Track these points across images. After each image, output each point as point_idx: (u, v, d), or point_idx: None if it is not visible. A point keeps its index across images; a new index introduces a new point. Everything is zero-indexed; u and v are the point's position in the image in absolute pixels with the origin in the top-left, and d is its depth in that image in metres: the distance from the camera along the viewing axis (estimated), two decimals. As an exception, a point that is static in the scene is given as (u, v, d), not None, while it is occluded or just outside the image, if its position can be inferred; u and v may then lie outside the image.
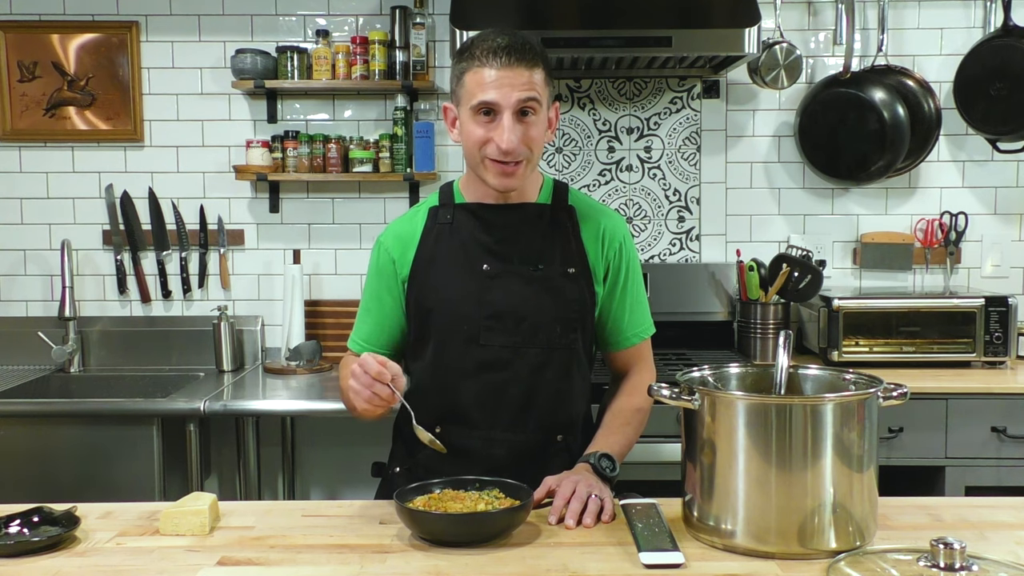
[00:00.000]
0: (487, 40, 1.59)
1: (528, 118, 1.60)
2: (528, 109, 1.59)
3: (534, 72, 1.58)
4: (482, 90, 1.57)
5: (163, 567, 1.30)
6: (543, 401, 1.70)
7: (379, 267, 1.75)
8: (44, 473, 2.61)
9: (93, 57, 3.17)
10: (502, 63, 1.56)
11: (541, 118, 1.62)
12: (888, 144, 3.05)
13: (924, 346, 2.86)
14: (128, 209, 3.20)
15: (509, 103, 1.57)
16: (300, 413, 2.96)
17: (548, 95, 1.64)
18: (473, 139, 1.61)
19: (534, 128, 1.61)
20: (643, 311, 1.81)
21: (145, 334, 3.21)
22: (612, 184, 3.24)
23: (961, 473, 2.62)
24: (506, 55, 1.56)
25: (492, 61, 1.56)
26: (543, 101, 1.61)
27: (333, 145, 3.10)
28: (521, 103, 1.57)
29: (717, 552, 1.33)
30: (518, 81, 1.56)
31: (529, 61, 1.57)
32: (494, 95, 1.57)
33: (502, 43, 1.57)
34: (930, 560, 1.17)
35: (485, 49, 1.57)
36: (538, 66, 1.59)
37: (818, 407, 1.30)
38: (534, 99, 1.58)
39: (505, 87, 1.56)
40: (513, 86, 1.56)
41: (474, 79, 1.58)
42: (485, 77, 1.57)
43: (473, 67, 1.58)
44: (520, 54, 1.57)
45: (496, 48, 1.56)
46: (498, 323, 1.67)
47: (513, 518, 1.39)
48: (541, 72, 1.60)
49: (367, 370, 1.47)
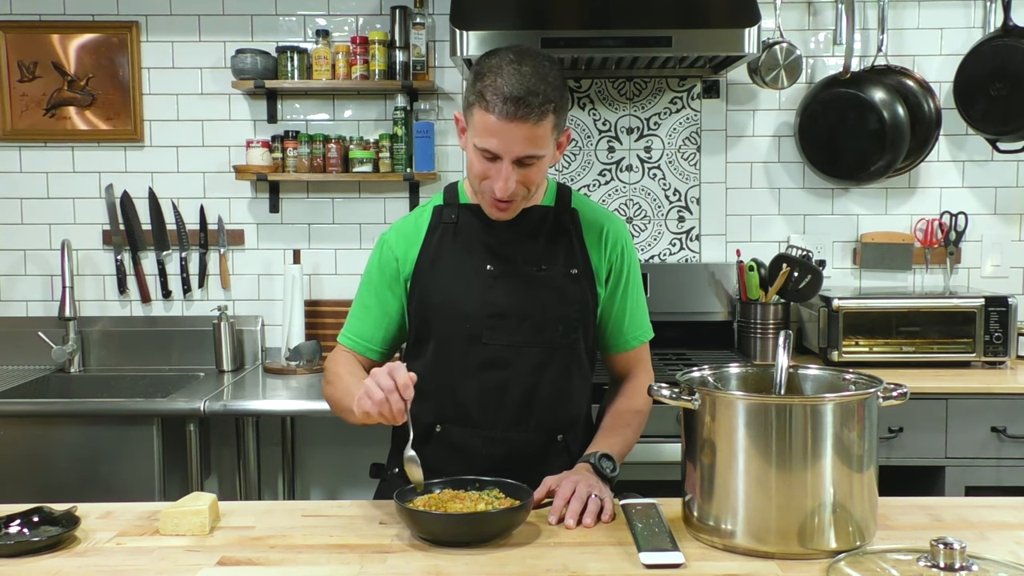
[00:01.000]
0: (500, 78, 1.51)
1: (529, 164, 1.56)
2: (530, 162, 1.56)
3: (541, 124, 1.52)
4: (487, 134, 1.53)
5: (163, 567, 1.30)
6: (544, 401, 1.70)
7: (382, 264, 1.75)
8: (44, 473, 2.61)
9: (93, 57, 3.17)
10: (507, 115, 1.50)
11: (544, 161, 1.58)
12: (888, 144, 3.05)
13: (924, 346, 2.85)
14: (128, 209, 3.20)
15: (510, 155, 1.54)
16: (300, 413, 2.96)
17: (556, 136, 1.59)
18: (474, 171, 1.60)
19: (534, 172, 1.58)
20: (643, 315, 1.81)
21: (145, 334, 3.21)
22: (612, 184, 3.24)
23: (961, 473, 2.61)
24: (514, 107, 1.49)
25: (499, 110, 1.50)
26: (548, 150, 1.57)
27: (333, 145, 3.10)
28: (521, 158, 1.55)
29: (717, 552, 1.33)
30: (521, 136, 1.52)
31: (537, 114, 1.51)
32: (495, 145, 1.53)
33: (511, 93, 1.49)
34: (930, 560, 1.17)
35: (495, 93, 1.50)
36: (547, 116, 1.53)
37: (818, 407, 1.30)
38: (535, 156, 1.55)
39: (507, 140, 1.52)
40: (515, 141, 1.52)
41: (480, 120, 1.53)
42: (490, 123, 1.52)
43: (481, 106, 1.53)
44: (528, 109, 1.50)
45: (505, 98, 1.49)
46: (500, 322, 1.67)
47: (513, 518, 1.40)
48: (551, 119, 1.54)
49: (395, 378, 1.42)
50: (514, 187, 1.57)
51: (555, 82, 1.55)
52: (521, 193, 1.60)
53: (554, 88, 1.54)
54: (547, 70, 1.55)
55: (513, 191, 1.57)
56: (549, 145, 1.58)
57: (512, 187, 1.56)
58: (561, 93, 1.57)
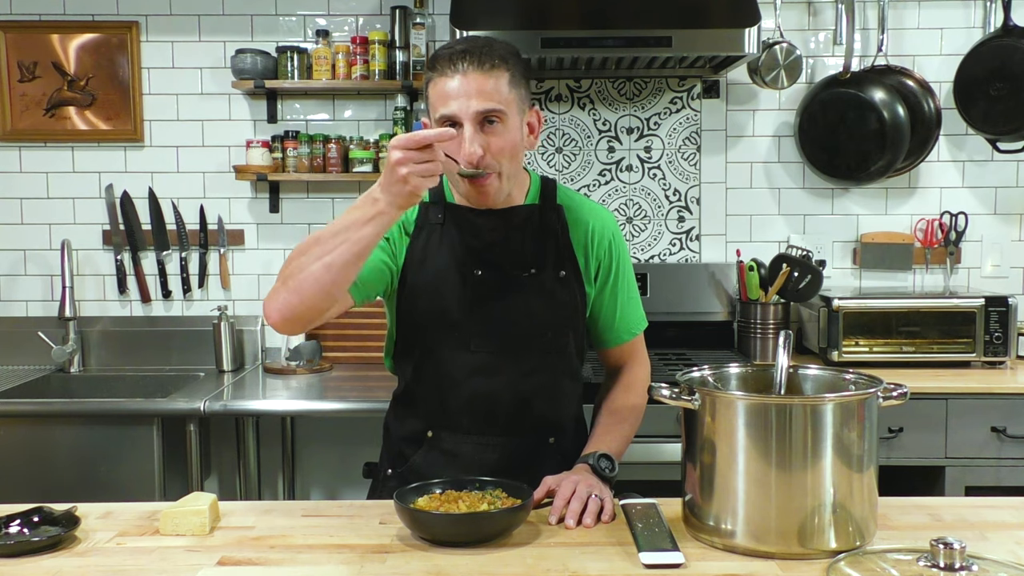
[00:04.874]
0: (448, 47, 1.52)
1: (493, 127, 1.52)
2: (493, 118, 1.51)
3: (496, 79, 1.50)
4: (442, 102, 1.50)
5: (163, 567, 1.30)
6: (535, 405, 1.69)
7: None
8: (44, 473, 2.61)
9: (93, 57, 3.17)
10: (459, 70, 1.48)
11: (510, 127, 1.54)
12: (888, 144, 3.05)
13: (924, 346, 2.85)
14: (128, 209, 3.20)
15: (468, 114, 1.49)
16: (300, 413, 2.96)
17: (518, 101, 1.55)
18: None
19: (500, 138, 1.53)
20: (635, 306, 1.79)
21: (145, 334, 3.22)
22: (612, 184, 3.24)
23: (961, 473, 2.61)
24: (463, 61, 1.48)
25: (450, 70, 1.49)
26: (510, 109, 1.53)
27: (333, 145, 3.10)
28: (481, 114, 1.50)
29: (717, 552, 1.33)
30: (476, 89, 1.48)
31: (489, 66, 1.49)
32: (453, 106, 1.49)
33: (459, 49, 1.50)
34: (930, 560, 1.17)
35: (443, 57, 1.50)
36: (502, 71, 1.51)
37: (818, 407, 1.30)
38: (496, 110, 1.50)
39: (462, 97, 1.48)
40: (471, 95, 1.48)
41: (435, 91, 1.52)
42: (445, 87, 1.50)
43: (434, 78, 1.52)
44: (479, 60, 1.48)
45: (453, 55, 1.49)
46: (489, 328, 1.66)
47: (513, 518, 1.39)
48: (506, 77, 1.52)
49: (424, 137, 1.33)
50: (480, 151, 1.51)
51: (506, 48, 1.55)
52: (492, 166, 1.53)
53: (504, 50, 1.54)
54: (496, 41, 1.55)
55: (480, 159, 1.51)
56: (511, 105, 1.53)
57: (478, 151, 1.50)
58: (516, 59, 1.56)
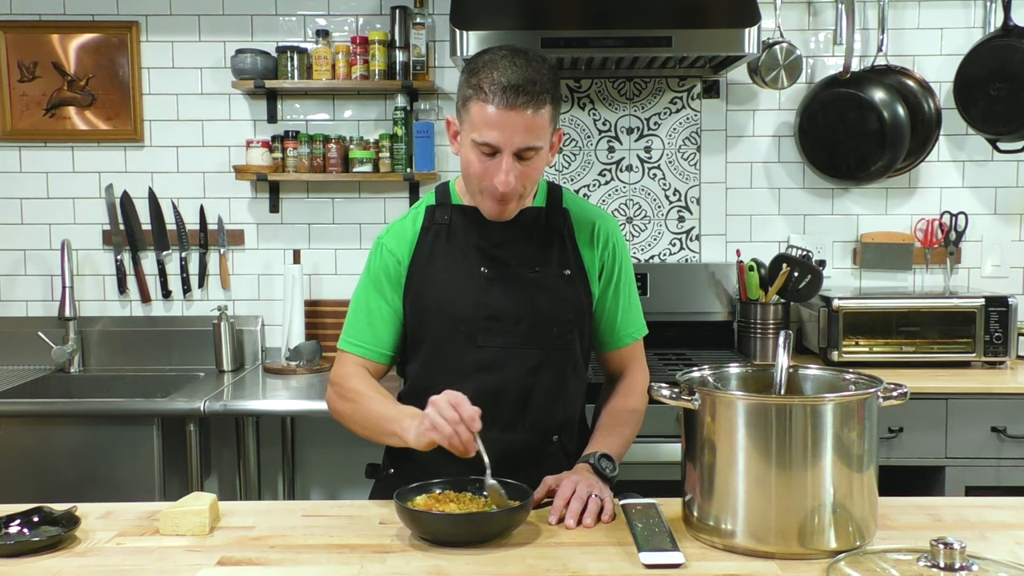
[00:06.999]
0: (496, 70, 1.52)
1: (529, 159, 1.56)
2: (531, 152, 1.55)
3: (540, 113, 1.53)
4: (486, 127, 1.52)
5: (163, 567, 1.30)
6: (539, 402, 1.70)
7: (384, 266, 1.73)
8: (44, 473, 2.61)
9: (93, 57, 3.17)
10: (507, 104, 1.50)
11: (542, 155, 1.58)
12: (888, 144, 3.05)
13: (924, 346, 2.85)
14: (128, 209, 3.20)
15: (510, 147, 1.53)
16: (300, 413, 2.96)
17: (553, 129, 1.60)
18: (472, 170, 1.59)
19: (532, 168, 1.57)
20: (636, 312, 1.81)
21: (145, 334, 3.21)
22: (612, 184, 3.24)
23: (961, 473, 2.61)
24: (514, 95, 1.50)
25: (498, 100, 1.50)
26: (546, 142, 1.57)
27: (333, 145, 3.10)
28: (522, 150, 1.54)
29: (717, 552, 1.33)
30: (522, 125, 1.51)
31: (536, 102, 1.51)
32: (496, 137, 1.52)
33: (510, 82, 1.50)
34: (930, 560, 1.17)
35: (493, 84, 1.51)
36: (544, 105, 1.53)
37: (818, 407, 1.30)
38: (535, 147, 1.54)
39: (508, 129, 1.51)
40: (516, 130, 1.52)
41: (479, 113, 1.53)
42: (489, 114, 1.51)
43: (479, 99, 1.53)
44: (527, 96, 1.50)
45: (504, 87, 1.50)
46: (496, 324, 1.67)
47: (513, 518, 1.40)
48: (548, 109, 1.55)
49: (460, 411, 1.42)
50: (514, 182, 1.56)
51: (550, 75, 1.56)
52: (519, 191, 1.59)
53: (549, 80, 1.56)
54: (541, 64, 1.56)
55: (513, 186, 1.56)
56: (547, 137, 1.58)
57: (513, 181, 1.55)
58: (556, 87, 1.58)
